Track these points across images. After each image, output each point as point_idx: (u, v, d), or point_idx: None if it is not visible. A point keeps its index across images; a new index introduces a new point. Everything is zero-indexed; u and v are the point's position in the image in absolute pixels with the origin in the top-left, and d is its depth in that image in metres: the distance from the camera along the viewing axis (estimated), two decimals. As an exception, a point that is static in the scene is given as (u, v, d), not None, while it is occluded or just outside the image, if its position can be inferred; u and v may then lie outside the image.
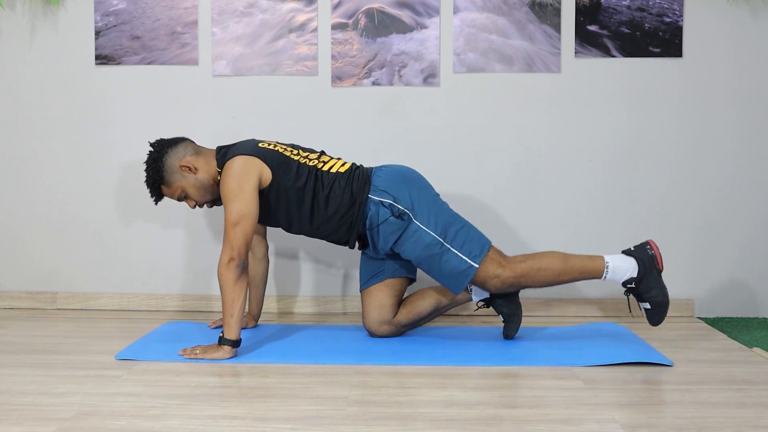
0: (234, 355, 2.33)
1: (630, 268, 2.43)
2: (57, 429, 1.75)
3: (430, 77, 2.99)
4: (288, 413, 1.86)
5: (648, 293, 2.42)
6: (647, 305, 2.43)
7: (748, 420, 1.82)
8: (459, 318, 2.96)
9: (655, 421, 1.81)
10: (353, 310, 3.04)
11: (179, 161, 2.48)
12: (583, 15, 2.95)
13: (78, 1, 3.03)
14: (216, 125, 3.02)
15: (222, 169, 2.44)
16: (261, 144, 2.50)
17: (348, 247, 2.56)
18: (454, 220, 2.47)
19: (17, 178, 3.10)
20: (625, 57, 2.95)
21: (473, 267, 2.40)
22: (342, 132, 3.01)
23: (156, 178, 2.49)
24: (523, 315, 2.83)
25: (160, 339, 2.56)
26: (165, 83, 3.03)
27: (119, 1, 3.02)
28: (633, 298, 2.54)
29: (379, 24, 2.98)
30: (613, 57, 2.96)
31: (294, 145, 2.58)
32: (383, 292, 2.58)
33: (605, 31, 2.95)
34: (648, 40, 2.95)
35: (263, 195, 2.44)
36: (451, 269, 2.42)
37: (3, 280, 3.12)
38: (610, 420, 1.82)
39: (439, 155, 3.00)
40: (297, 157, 2.50)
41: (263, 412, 1.87)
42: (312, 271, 3.07)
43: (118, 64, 3.04)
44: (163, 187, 2.51)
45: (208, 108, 3.03)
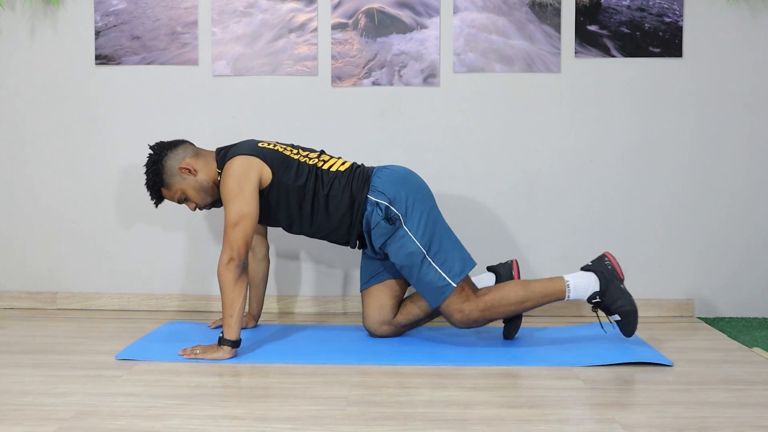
0: (234, 356, 2.33)
1: (591, 282, 2.41)
2: (57, 429, 1.75)
3: (430, 77, 2.99)
4: (288, 413, 1.86)
5: (614, 304, 2.38)
6: (617, 317, 2.40)
7: (748, 420, 1.82)
8: (459, 318, 2.96)
9: (655, 421, 1.81)
10: (353, 310, 3.04)
11: (179, 163, 2.48)
12: (583, 15, 2.95)
13: (78, 1, 3.03)
14: (216, 125, 3.02)
15: (222, 170, 2.44)
16: (261, 144, 2.50)
17: (349, 247, 2.56)
18: (443, 234, 2.45)
19: (17, 177, 3.09)
20: (625, 57, 2.95)
21: (450, 286, 2.38)
22: (342, 132, 3.00)
23: (156, 180, 2.49)
24: (523, 315, 2.83)
25: (160, 339, 2.56)
26: (165, 83, 3.03)
27: (119, 1, 3.02)
28: (602, 313, 2.55)
29: (379, 24, 2.98)
30: (613, 57, 2.95)
31: (294, 145, 2.58)
32: (383, 292, 2.58)
33: (605, 31, 2.95)
34: (648, 40, 2.94)
35: (264, 195, 2.44)
36: (429, 283, 2.41)
37: (3, 280, 3.12)
38: (610, 420, 1.82)
39: (439, 155, 3.00)
40: (297, 156, 2.50)
41: (263, 412, 1.87)
42: (312, 271, 3.07)
43: (118, 64, 3.04)
44: (163, 190, 2.51)
45: (208, 108, 3.03)
